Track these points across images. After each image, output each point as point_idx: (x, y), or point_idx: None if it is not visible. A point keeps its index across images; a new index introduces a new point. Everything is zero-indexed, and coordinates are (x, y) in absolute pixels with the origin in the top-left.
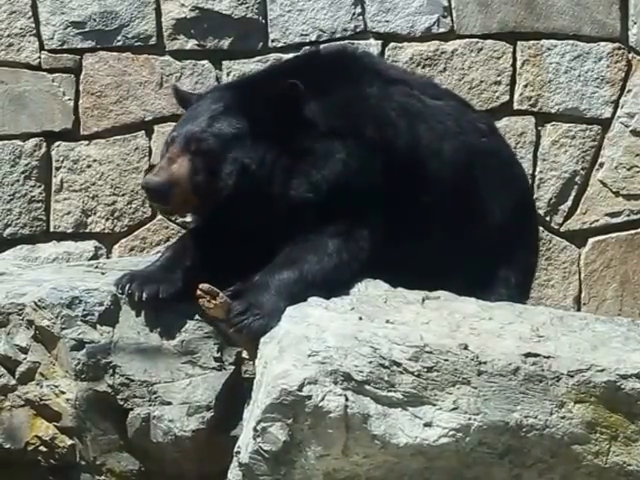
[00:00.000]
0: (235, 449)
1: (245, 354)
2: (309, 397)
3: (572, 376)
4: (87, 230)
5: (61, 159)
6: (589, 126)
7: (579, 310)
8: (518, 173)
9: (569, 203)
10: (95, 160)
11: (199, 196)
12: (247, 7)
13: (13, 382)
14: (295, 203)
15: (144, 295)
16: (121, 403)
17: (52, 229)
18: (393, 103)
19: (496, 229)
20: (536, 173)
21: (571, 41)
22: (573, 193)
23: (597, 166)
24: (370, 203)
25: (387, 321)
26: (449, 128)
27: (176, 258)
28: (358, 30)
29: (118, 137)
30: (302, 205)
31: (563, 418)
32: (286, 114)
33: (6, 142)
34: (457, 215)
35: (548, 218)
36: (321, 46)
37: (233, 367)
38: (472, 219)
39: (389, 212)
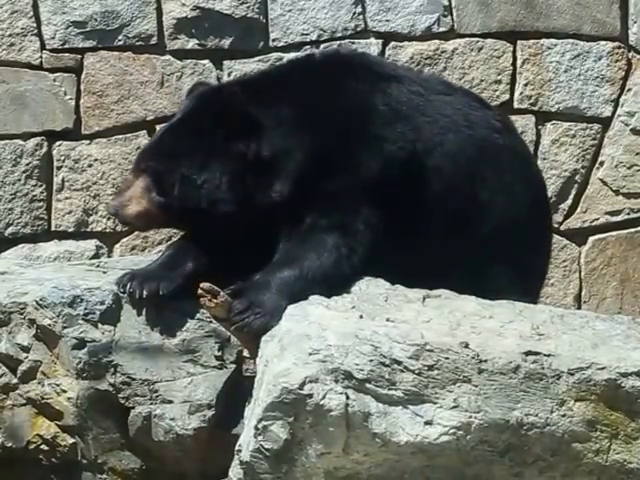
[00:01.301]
0: (236, 447)
1: (246, 353)
2: (310, 395)
3: (572, 374)
4: (88, 229)
5: (62, 158)
6: (589, 125)
7: (579, 308)
8: (533, 173)
9: (569, 202)
10: (96, 159)
11: (161, 211)
12: (248, 7)
13: (15, 381)
14: (262, 207)
15: (144, 292)
16: (122, 402)
17: (53, 228)
18: (385, 98)
19: (505, 229)
20: None
21: (571, 40)
22: (573, 192)
23: (597, 165)
24: (359, 196)
25: (388, 319)
26: (455, 122)
27: (177, 256)
28: (359, 29)
29: (119, 136)
30: (271, 208)
31: (564, 416)
32: (231, 122)
33: (7, 141)
34: (461, 211)
35: (552, 216)
36: (321, 47)
37: (234, 366)
38: (478, 217)
39: (386, 205)
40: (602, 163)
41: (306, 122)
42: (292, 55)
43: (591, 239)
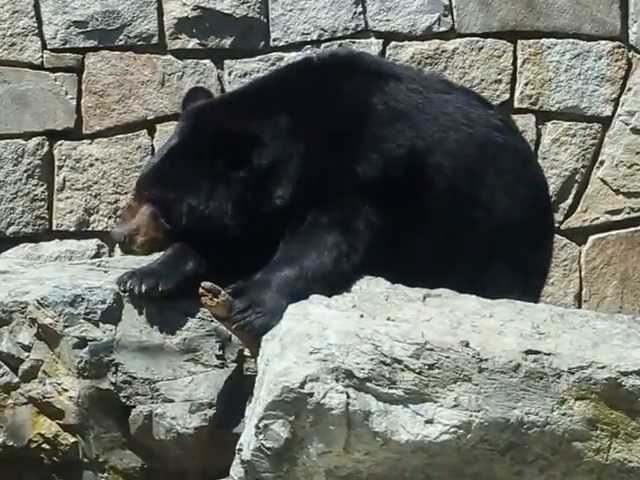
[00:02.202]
0: (237, 446)
1: (247, 352)
2: (311, 394)
3: (573, 373)
4: (89, 228)
5: (63, 158)
6: (589, 124)
7: (580, 307)
8: (534, 172)
9: (570, 201)
10: (97, 159)
11: (168, 237)
12: (248, 6)
13: (16, 380)
14: (265, 215)
15: (143, 288)
16: (124, 401)
17: (55, 227)
18: (384, 97)
19: (506, 228)
20: None
21: (571, 40)
22: (574, 191)
23: (597, 164)
24: (359, 195)
25: (388, 318)
26: (455, 120)
27: (178, 256)
28: (359, 29)
29: (120, 136)
30: (274, 213)
31: (564, 415)
32: (230, 152)
33: (9, 141)
34: (462, 210)
35: (553, 215)
36: (322, 47)
37: (235, 365)
38: (479, 216)
39: (386, 204)
40: (602, 162)
41: (304, 129)
42: (293, 55)
43: (591, 238)
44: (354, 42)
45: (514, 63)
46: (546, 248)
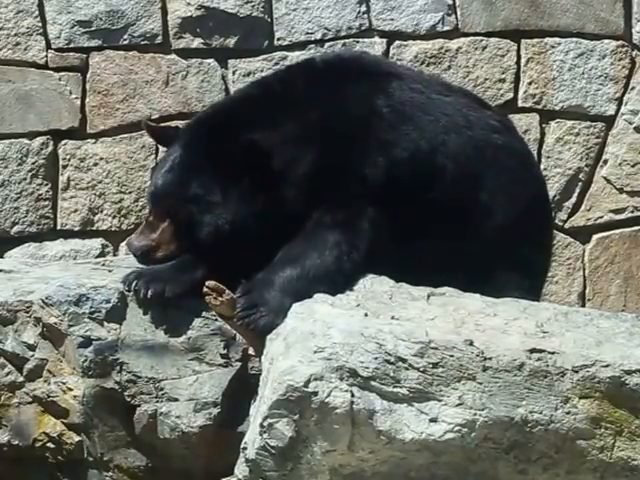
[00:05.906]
0: (242, 445)
1: (251, 351)
2: (315, 393)
3: (577, 372)
4: (94, 228)
5: (68, 157)
6: (593, 123)
7: (583, 306)
8: (533, 172)
9: (573, 200)
10: (102, 158)
11: (183, 250)
12: (252, 6)
13: (21, 379)
14: (276, 221)
15: (149, 293)
16: (128, 400)
17: (59, 227)
18: (388, 100)
19: (506, 228)
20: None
21: (575, 39)
22: (577, 190)
23: (601, 163)
24: (364, 197)
25: (392, 317)
26: (456, 122)
27: (187, 261)
28: (363, 28)
29: (124, 135)
30: (283, 219)
31: (568, 413)
32: (257, 172)
33: (13, 140)
34: (463, 211)
35: (552, 215)
36: (325, 46)
37: (239, 364)
38: (480, 216)
39: (389, 205)
40: (606, 161)
41: (311, 134)
42: (297, 54)
43: (595, 237)
44: (358, 41)
45: (518, 62)
46: (546, 247)
